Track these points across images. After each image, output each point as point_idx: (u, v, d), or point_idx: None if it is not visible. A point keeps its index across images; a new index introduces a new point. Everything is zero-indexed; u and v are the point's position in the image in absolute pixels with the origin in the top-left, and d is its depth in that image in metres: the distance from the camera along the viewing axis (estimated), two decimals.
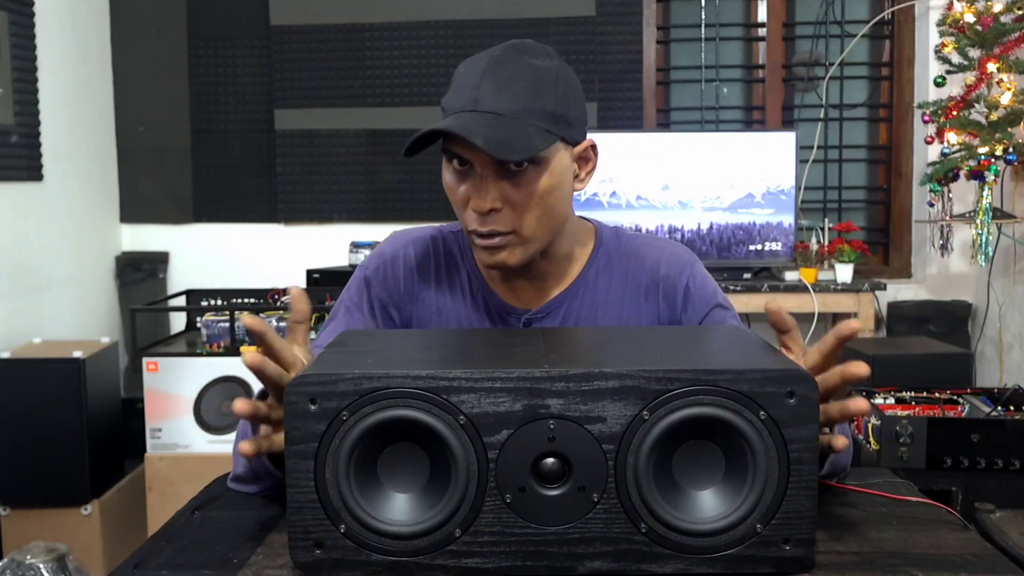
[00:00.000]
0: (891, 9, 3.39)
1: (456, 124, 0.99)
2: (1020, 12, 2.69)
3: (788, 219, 3.11)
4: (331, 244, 3.41)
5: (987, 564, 0.78)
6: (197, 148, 3.52)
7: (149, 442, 2.57)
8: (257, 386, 0.88)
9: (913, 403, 2.16)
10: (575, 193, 1.13)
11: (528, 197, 1.04)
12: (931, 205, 2.97)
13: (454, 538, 0.75)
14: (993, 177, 2.70)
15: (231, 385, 2.56)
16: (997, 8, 2.73)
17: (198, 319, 2.73)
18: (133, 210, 3.53)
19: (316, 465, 0.74)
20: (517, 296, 1.17)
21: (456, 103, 1.03)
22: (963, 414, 2.10)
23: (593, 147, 1.13)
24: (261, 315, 2.62)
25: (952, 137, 2.79)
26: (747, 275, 3.15)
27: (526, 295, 1.17)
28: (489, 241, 1.05)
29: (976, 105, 2.76)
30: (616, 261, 1.18)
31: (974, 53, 2.79)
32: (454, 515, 0.75)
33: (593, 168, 1.14)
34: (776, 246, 3.14)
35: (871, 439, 2.01)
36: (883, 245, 3.51)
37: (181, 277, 3.53)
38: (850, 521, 0.89)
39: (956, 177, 2.84)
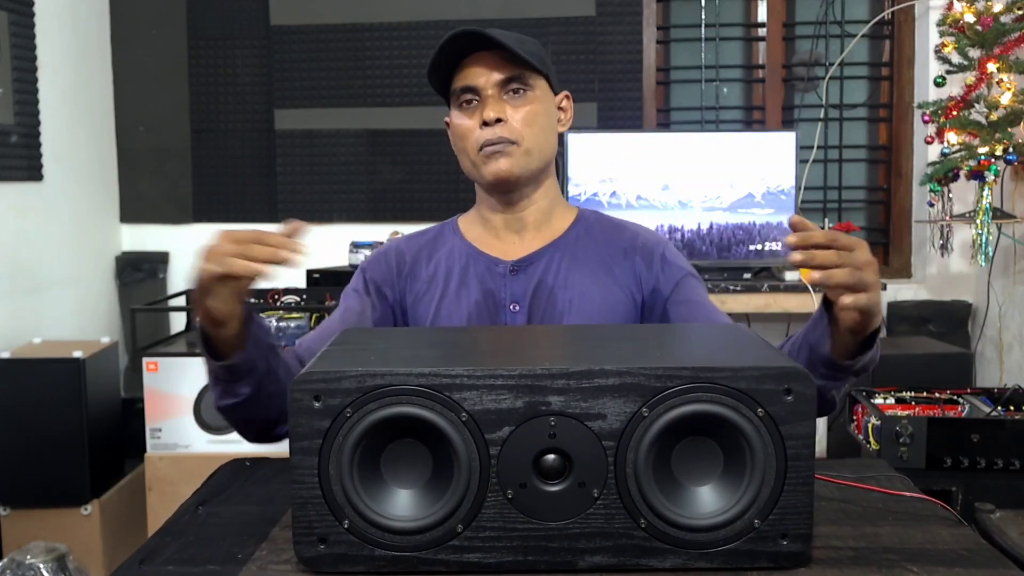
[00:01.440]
0: (891, 9, 3.40)
1: (475, 30, 1.22)
2: (1020, 12, 2.69)
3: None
4: (331, 244, 3.41)
5: (981, 559, 0.78)
6: (197, 148, 3.52)
7: (149, 442, 2.57)
8: None
9: (913, 403, 2.17)
10: (559, 133, 1.34)
11: (526, 114, 1.24)
12: (931, 205, 2.98)
13: (456, 533, 0.76)
14: (993, 177, 2.70)
15: None
16: (997, 8, 2.73)
17: (198, 319, 2.73)
18: (133, 210, 3.54)
19: (320, 461, 0.75)
20: (504, 251, 1.29)
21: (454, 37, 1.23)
22: (963, 414, 2.10)
23: (568, 96, 1.34)
24: (261, 315, 2.62)
25: (952, 137, 2.80)
26: (747, 275, 3.15)
27: (512, 250, 1.29)
28: (496, 147, 1.22)
29: (976, 105, 2.76)
30: (597, 230, 1.32)
31: (974, 53, 2.79)
32: (456, 511, 0.76)
33: (571, 117, 1.35)
34: (776, 246, 3.14)
35: (871, 439, 2.02)
36: (883, 245, 3.51)
37: (181, 277, 3.53)
38: (847, 516, 0.89)
39: (956, 177, 2.85)
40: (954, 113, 2.78)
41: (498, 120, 1.21)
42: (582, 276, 1.26)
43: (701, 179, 3.13)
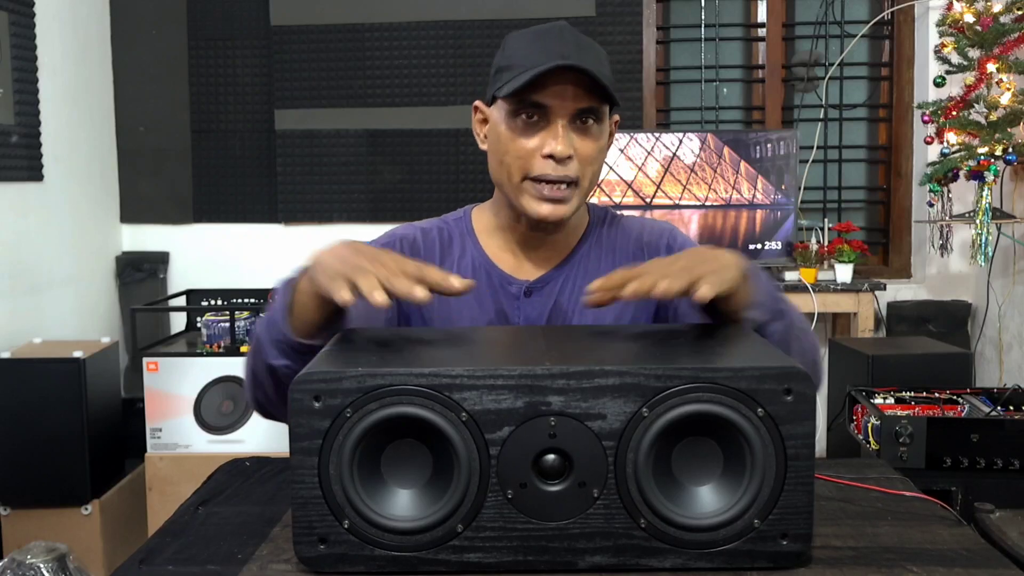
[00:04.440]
0: (891, 9, 3.40)
1: (575, 61, 1.06)
2: (1020, 12, 2.69)
3: (788, 219, 3.12)
4: None
5: (980, 559, 0.78)
6: (197, 148, 3.52)
7: (149, 442, 2.58)
8: None
9: (913, 403, 2.17)
10: None
11: (592, 150, 1.13)
12: (931, 205, 2.98)
13: (456, 533, 0.76)
14: (992, 177, 2.70)
15: (231, 385, 2.56)
16: (997, 8, 2.73)
17: (198, 319, 2.74)
18: (133, 210, 3.54)
19: (320, 461, 0.75)
20: (518, 268, 1.23)
21: (539, 58, 1.08)
22: (963, 414, 2.10)
23: (617, 120, 1.22)
24: (261, 315, 2.62)
25: (952, 137, 2.80)
26: None
27: (527, 267, 1.23)
28: (556, 191, 1.12)
29: (976, 105, 2.76)
30: (606, 238, 1.27)
31: (974, 53, 2.79)
32: (456, 511, 0.76)
33: (611, 143, 1.22)
34: (776, 246, 3.14)
35: (871, 439, 2.02)
36: (883, 245, 3.52)
37: (181, 277, 3.53)
38: (846, 516, 0.89)
39: (956, 177, 2.85)
40: (954, 113, 2.78)
41: (568, 157, 1.11)
42: None
43: (701, 179, 3.13)
